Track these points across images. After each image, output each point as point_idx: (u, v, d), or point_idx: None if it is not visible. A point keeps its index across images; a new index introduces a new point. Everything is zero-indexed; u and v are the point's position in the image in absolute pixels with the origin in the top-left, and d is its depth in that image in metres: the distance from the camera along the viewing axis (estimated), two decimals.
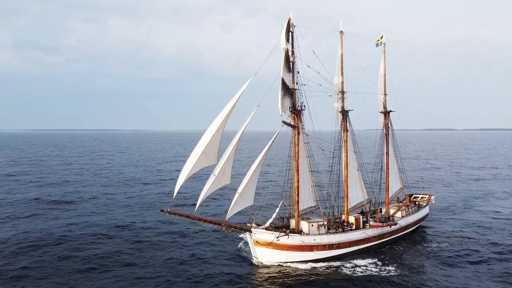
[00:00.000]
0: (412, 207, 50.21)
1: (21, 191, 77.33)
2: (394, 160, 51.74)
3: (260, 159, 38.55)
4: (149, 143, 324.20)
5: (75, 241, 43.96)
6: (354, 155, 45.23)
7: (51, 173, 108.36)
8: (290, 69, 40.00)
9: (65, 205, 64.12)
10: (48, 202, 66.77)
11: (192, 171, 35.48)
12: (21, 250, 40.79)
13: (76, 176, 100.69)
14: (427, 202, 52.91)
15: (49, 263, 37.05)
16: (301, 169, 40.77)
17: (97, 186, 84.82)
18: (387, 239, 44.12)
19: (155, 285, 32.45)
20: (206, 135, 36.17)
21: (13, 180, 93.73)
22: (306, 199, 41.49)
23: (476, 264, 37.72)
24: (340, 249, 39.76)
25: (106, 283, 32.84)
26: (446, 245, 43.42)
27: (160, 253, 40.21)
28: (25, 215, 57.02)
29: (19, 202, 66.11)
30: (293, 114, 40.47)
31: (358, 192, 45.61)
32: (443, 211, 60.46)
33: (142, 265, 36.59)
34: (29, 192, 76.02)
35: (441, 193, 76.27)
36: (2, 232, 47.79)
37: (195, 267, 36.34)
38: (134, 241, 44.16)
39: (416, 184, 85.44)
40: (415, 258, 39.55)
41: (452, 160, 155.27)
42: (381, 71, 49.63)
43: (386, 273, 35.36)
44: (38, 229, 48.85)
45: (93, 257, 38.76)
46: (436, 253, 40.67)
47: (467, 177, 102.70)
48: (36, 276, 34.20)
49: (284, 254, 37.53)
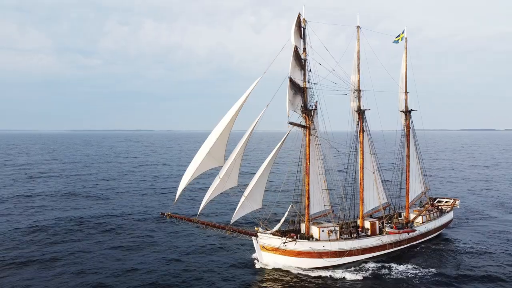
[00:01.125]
0: (434, 212, 47.29)
1: (59, 185, 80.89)
2: (416, 162, 48.85)
3: (269, 160, 37.06)
4: (185, 143, 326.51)
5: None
6: (370, 157, 42.90)
7: (91, 170, 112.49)
8: (301, 66, 38.31)
9: (102, 199, 67.54)
10: (87, 196, 70.88)
11: (197, 173, 34.11)
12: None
13: (113, 174, 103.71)
14: (451, 207, 49.72)
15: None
16: (312, 172, 39.03)
17: (130, 183, 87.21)
18: (405, 246, 41.65)
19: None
20: (213, 135, 34.55)
21: (54, 176, 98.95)
22: (317, 203, 39.66)
23: (495, 281, 34.28)
24: (353, 256, 37.74)
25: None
26: (467, 257, 39.77)
27: (161, 255, 39.55)
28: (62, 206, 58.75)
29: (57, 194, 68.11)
30: (304, 114, 38.74)
31: (374, 196, 43.24)
32: (470, 217, 56.68)
33: (146, 270, 35.87)
34: (67, 187, 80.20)
35: (470, 197, 72.00)
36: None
37: (199, 272, 35.33)
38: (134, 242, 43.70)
39: (442, 187, 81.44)
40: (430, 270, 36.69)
41: (487, 161, 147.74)
42: (402, 68, 46.92)
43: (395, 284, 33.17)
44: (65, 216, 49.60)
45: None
46: (455, 266, 37.50)
47: (503, 180, 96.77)
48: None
49: (292, 261, 35.91)
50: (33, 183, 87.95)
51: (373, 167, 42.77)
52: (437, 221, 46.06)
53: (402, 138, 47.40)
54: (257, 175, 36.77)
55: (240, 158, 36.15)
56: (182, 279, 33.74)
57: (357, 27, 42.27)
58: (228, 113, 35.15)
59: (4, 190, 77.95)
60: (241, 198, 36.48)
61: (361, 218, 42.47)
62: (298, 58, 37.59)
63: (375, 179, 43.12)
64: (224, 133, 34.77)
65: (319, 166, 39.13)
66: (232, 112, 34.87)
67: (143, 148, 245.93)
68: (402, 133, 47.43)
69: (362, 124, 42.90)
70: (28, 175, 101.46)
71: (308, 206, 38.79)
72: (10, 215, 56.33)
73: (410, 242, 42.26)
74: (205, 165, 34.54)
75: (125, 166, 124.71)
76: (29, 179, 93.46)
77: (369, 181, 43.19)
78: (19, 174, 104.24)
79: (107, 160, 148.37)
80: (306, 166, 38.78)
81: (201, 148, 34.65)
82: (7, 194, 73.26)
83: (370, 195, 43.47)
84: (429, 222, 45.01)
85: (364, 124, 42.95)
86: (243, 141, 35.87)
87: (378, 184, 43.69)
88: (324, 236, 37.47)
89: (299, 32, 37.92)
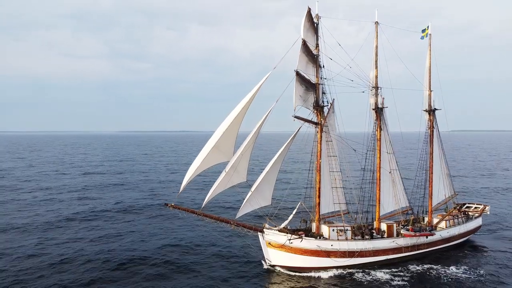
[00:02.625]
0: (460, 217, 44.61)
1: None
2: (441, 164, 46.32)
3: (278, 156, 36.61)
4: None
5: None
6: (387, 156, 41.30)
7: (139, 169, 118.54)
8: (314, 62, 37.73)
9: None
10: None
11: (204, 167, 34.12)
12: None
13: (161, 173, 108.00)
14: (479, 213, 46.66)
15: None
16: (324, 170, 38.20)
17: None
18: (424, 251, 39.54)
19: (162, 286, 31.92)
20: (221, 129, 34.08)
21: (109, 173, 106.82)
22: (329, 202, 38.69)
23: None
24: (363, 258, 36.39)
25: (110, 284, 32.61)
26: (491, 266, 37.02)
27: (162, 251, 40.06)
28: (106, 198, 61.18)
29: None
30: (316, 110, 38.07)
31: (390, 198, 41.46)
32: (501, 224, 52.70)
33: (149, 267, 36.20)
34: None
35: (502, 203, 67.07)
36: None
37: (202, 267, 35.61)
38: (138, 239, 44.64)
39: (471, 192, 76.67)
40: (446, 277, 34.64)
41: None
42: (426, 64, 44.94)
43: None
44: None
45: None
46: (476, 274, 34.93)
47: None
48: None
49: (298, 259, 35.19)
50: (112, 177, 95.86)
51: (389, 167, 41.12)
52: (462, 227, 43.39)
53: (426, 138, 45.26)
54: (265, 171, 36.45)
55: (249, 152, 35.69)
56: (186, 275, 33.99)
57: (375, 23, 41.08)
58: (237, 106, 34.61)
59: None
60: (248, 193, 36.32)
61: (377, 219, 40.94)
62: (309, 54, 37.04)
63: (392, 179, 41.41)
64: (234, 127, 34.29)
65: (330, 163, 38.20)
66: (241, 106, 34.26)
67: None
68: (425, 133, 45.32)
69: (379, 123, 41.51)
70: (90, 171, 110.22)
71: (318, 204, 37.97)
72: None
73: (430, 247, 40.08)
74: (212, 159, 34.46)
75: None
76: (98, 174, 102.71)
77: (387, 182, 41.58)
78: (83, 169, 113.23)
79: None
80: (317, 163, 38.03)
81: (209, 142, 34.25)
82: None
83: (387, 197, 41.78)
84: (453, 227, 42.52)
85: (381, 123, 41.55)
86: (252, 136, 35.31)
87: (397, 186, 41.90)
88: (334, 235, 36.45)
89: (313, 27, 37.46)
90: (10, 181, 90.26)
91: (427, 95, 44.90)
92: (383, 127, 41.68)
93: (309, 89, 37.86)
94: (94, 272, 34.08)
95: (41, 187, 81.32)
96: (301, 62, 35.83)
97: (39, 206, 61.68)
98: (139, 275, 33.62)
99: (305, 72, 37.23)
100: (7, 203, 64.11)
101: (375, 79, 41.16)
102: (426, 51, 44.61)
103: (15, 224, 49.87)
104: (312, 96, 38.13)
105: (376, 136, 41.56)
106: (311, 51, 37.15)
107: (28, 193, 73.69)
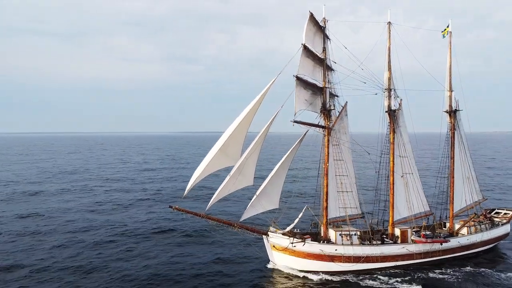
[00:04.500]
0: (486, 223, 42.33)
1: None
2: (464, 168, 44.13)
3: (284, 159, 37.07)
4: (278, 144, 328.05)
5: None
6: (400, 160, 40.22)
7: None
8: (320, 66, 37.76)
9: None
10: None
11: (210, 171, 34.96)
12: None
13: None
14: (508, 220, 43.88)
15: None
16: (331, 174, 38.09)
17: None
18: (439, 258, 38.07)
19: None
20: (228, 133, 34.36)
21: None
22: (337, 206, 38.45)
23: None
24: (370, 263, 35.82)
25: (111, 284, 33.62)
26: None
27: (165, 253, 41.18)
28: None
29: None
30: (323, 114, 38.03)
31: (404, 203, 40.29)
32: None
33: (154, 267, 37.30)
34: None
35: None
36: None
37: (206, 270, 36.53)
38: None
39: (502, 197, 71.53)
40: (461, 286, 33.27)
41: None
42: (447, 64, 43.13)
43: None
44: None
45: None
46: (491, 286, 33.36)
47: None
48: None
49: (301, 262, 35.41)
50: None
51: (402, 170, 40.00)
52: (486, 234, 41.09)
53: (446, 140, 43.45)
54: (271, 174, 37.02)
55: (256, 156, 36.12)
56: (189, 276, 35.08)
57: (388, 23, 40.21)
58: (244, 110, 34.79)
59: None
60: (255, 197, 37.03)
61: (391, 225, 40.03)
62: (315, 58, 37.14)
63: (405, 183, 40.25)
64: (241, 130, 34.49)
65: (337, 167, 37.98)
66: (248, 109, 34.44)
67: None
68: (446, 135, 43.50)
69: (392, 125, 40.55)
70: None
71: (326, 208, 37.90)
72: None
73: (446, 254, 38.48)
74: (219, 163, 35.17)
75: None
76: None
77: (401, 186, 40.49)
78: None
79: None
80: (325, 167, 37.98)
81: (215, 145, 34.54)
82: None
83: (402, 201, 40.68)
84: (475, 234, 40.47)
85: (395, 125, 40.55)
86: (258, 139, 35.63)
87: (410, 190, 40.64)
88: (340, 240, 36.24)
89: (320, 31, 37.49)
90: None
91: (447, 96, 43.12)
92: (397, 129, 40.68)
93: (316, 92, 37.92)
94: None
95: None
96: (304, 66, 36.00)
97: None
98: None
99: (312, 76, 37.36)
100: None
101: (388, 81, 40.31)
102: (447, 50, 42.95)
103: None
104: (319, 99, 38.16)
105: (389, 139, 40.68)
106: (317, 55, 37.22)
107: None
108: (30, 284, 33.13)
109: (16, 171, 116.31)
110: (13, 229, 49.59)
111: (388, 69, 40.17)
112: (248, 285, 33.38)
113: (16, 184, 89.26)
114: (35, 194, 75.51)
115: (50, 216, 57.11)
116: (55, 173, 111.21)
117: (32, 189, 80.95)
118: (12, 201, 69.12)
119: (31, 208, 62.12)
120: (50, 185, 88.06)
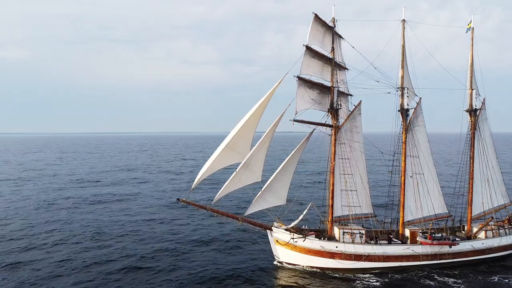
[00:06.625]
0: (507, 228, 40.41)
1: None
2: (486, 169, 42.19)
3: (291, 156, 37.88)
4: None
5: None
6: (410, 160, 39.53)
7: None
8: (329, 65, 38.16)
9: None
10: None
11: (218, 167, 36.45)
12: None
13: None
14: None
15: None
16: (337, 173, 38.49)
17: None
18: (449, 261, 37.13)
19: (171, 281, 33.85)
20: (237, 129, 35.42)
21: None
22: (343, 204, 38.77)
23: None
24: (372, 262, 35.91)
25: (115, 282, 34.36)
26: None
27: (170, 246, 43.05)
28: None
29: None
30: (331, 113, 38.43)
31: (414, 204, 39.57)
32: None
33: (158, 263, 38.41)
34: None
35: None
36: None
37: (213, 262, 38.26)
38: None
39: None
40: None
41: None
42: (469, 60, 41.44)
43: None
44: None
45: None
46: None
47: None
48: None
49: (302, 258, 36.34)
50: None
51: (411, 171, 39.32)
52: (505, 239, 39.32)
53: (466, 140, 41.84)
54: (277, 171, 38.05)
55: (264, 153, 37.19)
56: (197, 270, 36.26)
57: (402, 21, 39.54)
58: (253, 107, 35.62)
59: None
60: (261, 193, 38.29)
61: (401, 225, 39.62)
62: (323, 57, 37.59)
63: (415, 184, 39.52)
64: (250, 127, 35.47)
65: (343, 166, 38.26)
66: (256, 106, 35.26)
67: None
68: (467, 135, 41.86)
69: (405, 125, 39.93)
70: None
71: (331, 206, 38.39)
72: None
73: (457, 257, 37.42)
74: (227, 159, 36.79)
75: None
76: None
77: (411, 187, 39.85)
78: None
79: None
80: (332, 166, 38.43)
81: (224, 141, 35.65)
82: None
83: (413, 202, 40.02)
84: (493, 238, 38.86)
85: (410, 125, 39.90)
86: (266, 136, 36.38)
87: (424, 190, 39.83)
88: (346, 238, 36.59)
89: (329, 31, 37.86)
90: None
91: (468, 94, 41.48)
92: (414, 128, 40.01)
93: (324, 92, 38.42)
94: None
95: None
96: (310, 66, 36.64)
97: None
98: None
99: (320, 75, 37.94)
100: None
101: (401, 79, 39.74)
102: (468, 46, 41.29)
103: None
104: (327, 98, 38.62)
105: (401, 138, 40.13)
106: (324, 55, 37.68)
107: None
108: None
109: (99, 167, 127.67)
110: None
111: (402, 67, 39.59)
112: (253, 276, 34.86)
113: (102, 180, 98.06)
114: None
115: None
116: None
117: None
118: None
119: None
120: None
